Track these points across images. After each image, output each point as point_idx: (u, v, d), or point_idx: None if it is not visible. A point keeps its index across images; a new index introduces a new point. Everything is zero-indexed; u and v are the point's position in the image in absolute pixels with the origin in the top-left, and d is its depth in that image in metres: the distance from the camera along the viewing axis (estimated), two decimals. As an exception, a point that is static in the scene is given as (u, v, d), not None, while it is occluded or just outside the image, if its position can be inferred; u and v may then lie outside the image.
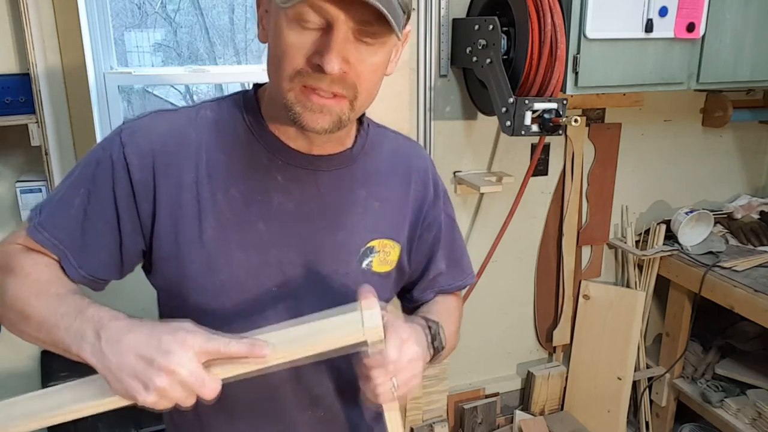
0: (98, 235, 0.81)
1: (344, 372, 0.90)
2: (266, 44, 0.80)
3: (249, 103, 0.86)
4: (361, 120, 0.93)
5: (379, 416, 0.93)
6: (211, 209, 0.81)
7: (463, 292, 1.12)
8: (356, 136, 0.91)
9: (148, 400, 0.64)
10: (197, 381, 0.64)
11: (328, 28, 0.71)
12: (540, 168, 2.26)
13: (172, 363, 0.63)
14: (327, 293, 0.86)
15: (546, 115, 1.68)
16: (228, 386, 0.68)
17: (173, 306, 0.86)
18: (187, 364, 0.63)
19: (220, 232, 0.81)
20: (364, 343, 0.72)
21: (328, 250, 0.86)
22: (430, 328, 0.85)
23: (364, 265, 0.89)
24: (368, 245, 0.89)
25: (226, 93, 2.25)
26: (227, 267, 0.82)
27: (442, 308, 1.00)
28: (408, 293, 1.04)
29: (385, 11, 0.68)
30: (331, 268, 0.87)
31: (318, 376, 0.90)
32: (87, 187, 0.80)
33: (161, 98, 2.13)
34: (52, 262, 0.80)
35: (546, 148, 2.24)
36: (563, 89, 1.77)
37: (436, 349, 0.85)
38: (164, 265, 0.83)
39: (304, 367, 0.82)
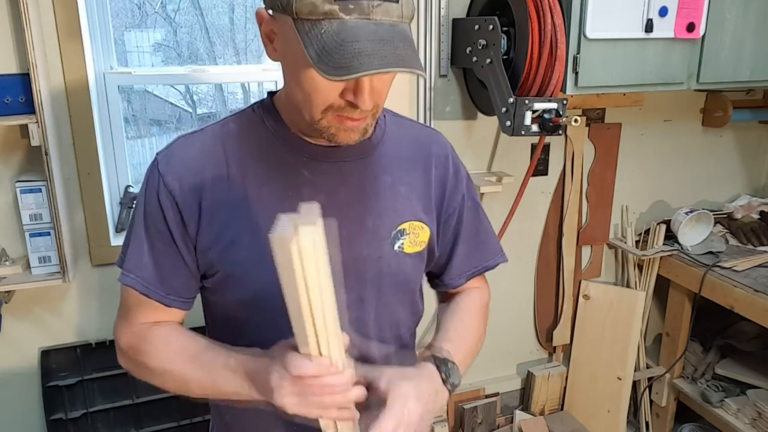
0: (169, 261, 0.89)
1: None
2: (272, 50, 0.83)
3: (268, 110, 0.92)
4: None
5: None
6: (246, 213, 0.87)
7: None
8: (374, 126, 0.95)
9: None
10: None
11: None
12: (540, 168, 2.26)
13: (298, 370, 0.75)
14: (363, 277, 0.91)
15: (546, 115, 1.69)
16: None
17: (213, 301, 0.95)
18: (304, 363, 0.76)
19: (258, 232, 0.85)
20: None
21: (360, 236, 0.91)
22: (439, 368, 0.88)
23: (396, 247, 0.93)
24: (399, 228, 0.94)
25: (226, 93, 2.25)
26: (267, 264, 0.85)
27: (463, 314, 1.03)
28: (439, 278, 1.08)
29: (420, 72, 0.72)
30: (365, 252, 0.91)
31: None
32: (145, 223, 0.89)
33: (161, 98, 2.13)
34: (169, 324, 0.92)
35: (546, 148, 2.24)
36: (563, 89, 1.77)
37: (453, 385, 0.88)
38: (209, 271, 0.90)
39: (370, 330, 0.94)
